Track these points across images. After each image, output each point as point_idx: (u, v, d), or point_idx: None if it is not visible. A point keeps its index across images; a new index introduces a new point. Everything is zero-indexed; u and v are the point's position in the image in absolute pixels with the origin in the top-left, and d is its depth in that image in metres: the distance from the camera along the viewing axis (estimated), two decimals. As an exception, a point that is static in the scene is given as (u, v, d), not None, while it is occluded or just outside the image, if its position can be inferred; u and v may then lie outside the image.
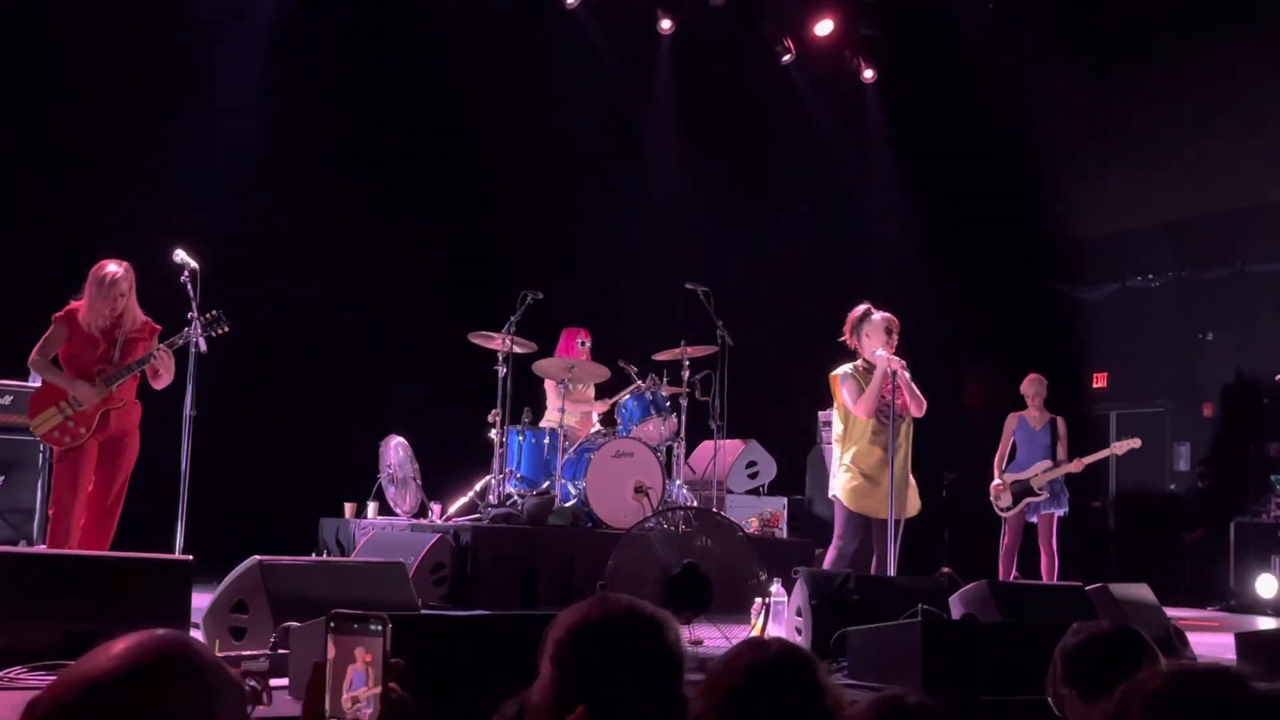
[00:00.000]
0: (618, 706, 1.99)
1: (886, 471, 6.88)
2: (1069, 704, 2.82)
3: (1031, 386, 9.40)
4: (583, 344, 9.23)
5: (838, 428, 7.13)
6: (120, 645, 1.44)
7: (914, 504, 7.15)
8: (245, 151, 10.05)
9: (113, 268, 6.18)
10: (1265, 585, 10.73)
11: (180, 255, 6.41)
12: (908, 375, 6.92)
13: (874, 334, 7.00)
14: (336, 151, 10.59)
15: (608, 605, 2.11)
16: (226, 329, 6.35)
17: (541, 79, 11.81)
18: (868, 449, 6.95)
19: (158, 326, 6.35)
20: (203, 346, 6.24)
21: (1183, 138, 12.59)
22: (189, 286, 6.33)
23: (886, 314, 7.06)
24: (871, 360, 6.97)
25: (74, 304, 6.22)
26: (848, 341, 7.12)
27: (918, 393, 6.94)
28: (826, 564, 6.83)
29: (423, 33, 11.12)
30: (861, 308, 7.14)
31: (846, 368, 7.06)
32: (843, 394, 6.99)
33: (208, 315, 6.31)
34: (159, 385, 6.28)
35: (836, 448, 7.13)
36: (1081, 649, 2.85)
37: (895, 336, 6.99)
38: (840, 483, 7.00)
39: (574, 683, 2.01)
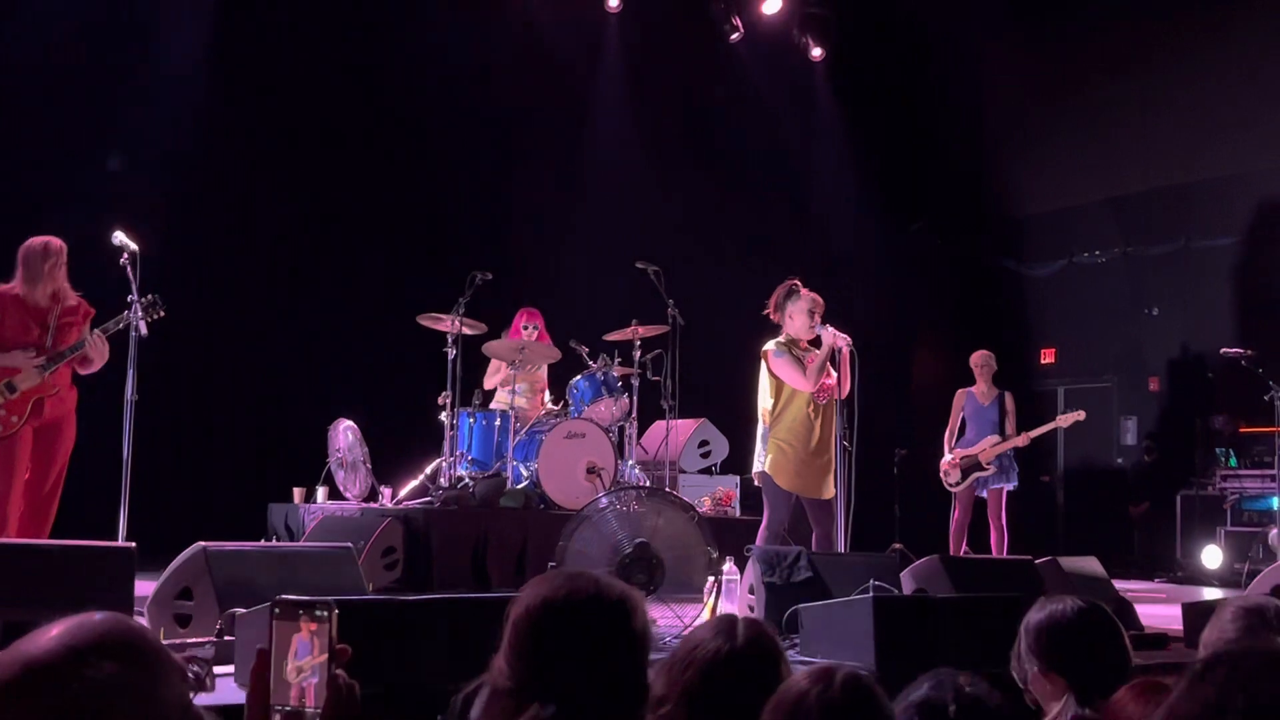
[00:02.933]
0: (580, 691, 1.91)
1: (819, 450, 6.80)
2: (1032, 677, 2.85)
3: (979, 360, 9.46)
4: (526, 328, 9.12)
5: (766, 403, 6.95)
6: (59, 626, 1.40)
7: (833, 486, 6.92)
8: (186, 131, 9.86)
9: (51, 239, 6.04)
10: (1210, 556, 10.90)
11: (119, 237, 6.23)
12: (849, 354, 6.84)
13: (798, 313, 6.88)
14: (279, 131, 10.43)
15: (573, 584, 2.02)
16: (163, 313, 6.17)
17: (488, 57, 11.69)
18: (801, 427, 6.82)
19: (91, 310, 6.19)
20: (143, 330, 6.10)
21: (1127, 114, 12.71)
22: (129, 269, 6.16)
23: (813, 294, 6.94)
24: (797, 335, 6.92)
25: (2, 287, 6.06)
26: (772, 316, 7.04)
27: (847, 375, 6.87)
28: (759, 543, 6.71)
29: (366, 11, 10.98)
30: (788, 283, 7.00)
31: (776, 343, 6.91)
32: (780, 369, 6.85)
33: (144, 299, 6.14)
34: (86, 371, 6.14)
35: (763, 424, 7.00)
36: (1047, 624, 2.88)
37: (819, 316, 6.88)
38: (770, 460, 6.87)
39: (535, 665, 1.93)
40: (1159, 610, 7.32)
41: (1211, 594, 9.46)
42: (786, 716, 1.93)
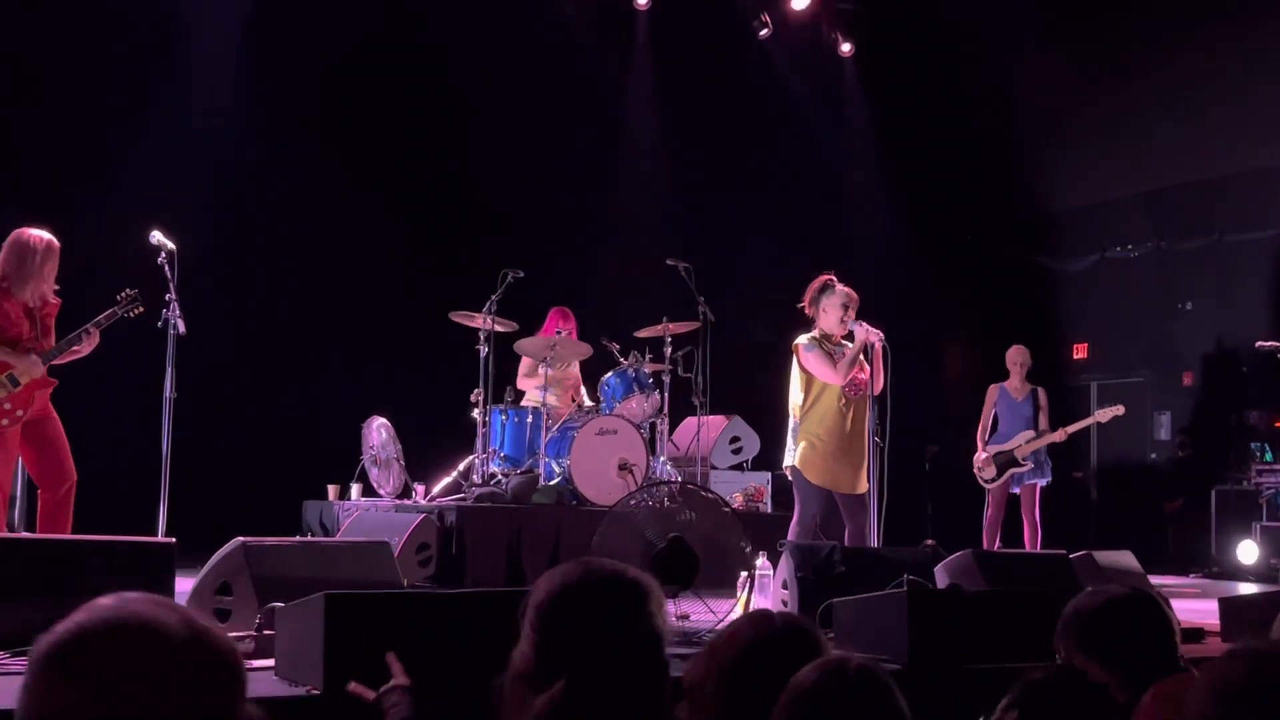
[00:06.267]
0: (598, 673, 1.97)
1: (851, 445, 6.77)
2: (1091, 673, 2.75)
3: (1016, 356, 9.41)
4: (559, 332, 9.12)
5: (797, 397, 6.94)
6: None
7: (865, 481, 6.89)
8: (223, 130, 9.95)
9: (47, 235, 5.86)
10: (1246, 551, 10.82)
11: (157, 237, 6.28)
12: (882, 349, 6.81)
13: (831, 308, 6.87)
14: (315, 130, 10.50)
15: (589, 570, 2.08)
16: (141, 310, 6.03)
17: (520, 57, 11.75)
18: (832, 420, 6.79)
19: (59, 300, 5.98)
20: (181, 328, 6.14)
21: (1160, 108, 12.62)
22: (166, 268, 6.21)
23: (847, 289, 6.93)
24: (829, 330, 6.91)
25: None
26: (806, 310, 7.03)
27: (880, 370, 6.85)
28: (791, 537, 6.67)
29: (401, 10, 11.04)
30: (823, 278, 7.00)
31: (808, 337, 6.91)
32: (810, 362, 6.84)
33: (123, 294, 5.99)
34: (67, 360, 5.97)
35: (793, 418, 6.98)
36: (1099, 614, 2.82)
37: (852, 312, 6.86)
38: (800, 454, 6.84)
39: (554, 649, 1.99)
40: (1195, 605, 7.28)
41: (1247, 589, 9.39)
42: (799, 710, 1.95)
